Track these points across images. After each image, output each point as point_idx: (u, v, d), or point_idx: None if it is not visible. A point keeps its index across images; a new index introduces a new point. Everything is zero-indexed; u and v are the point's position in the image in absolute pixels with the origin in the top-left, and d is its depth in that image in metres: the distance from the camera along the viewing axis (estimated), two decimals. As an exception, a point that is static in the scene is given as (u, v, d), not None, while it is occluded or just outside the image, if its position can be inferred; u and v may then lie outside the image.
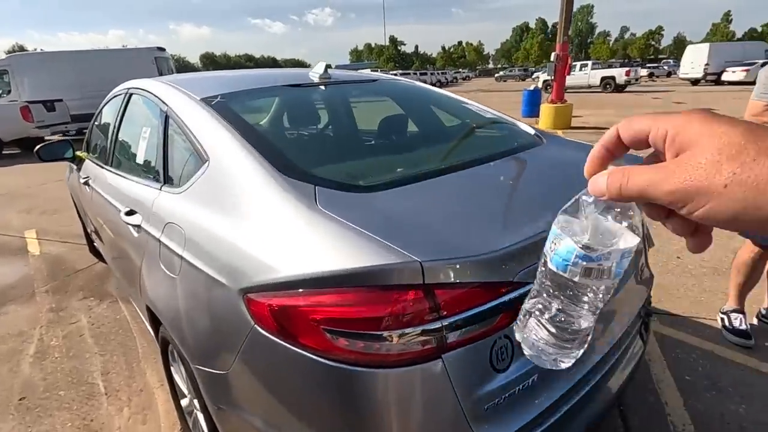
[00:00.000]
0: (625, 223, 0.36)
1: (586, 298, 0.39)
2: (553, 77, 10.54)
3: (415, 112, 1.98)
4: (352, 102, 2.14)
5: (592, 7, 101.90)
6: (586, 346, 0.43)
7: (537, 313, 0.42)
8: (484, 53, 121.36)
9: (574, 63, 24.09)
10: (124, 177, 1.93)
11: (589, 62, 26.35)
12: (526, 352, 0.45)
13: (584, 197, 0.38)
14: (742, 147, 0.28)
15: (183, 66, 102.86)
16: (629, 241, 0.36)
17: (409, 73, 37.60)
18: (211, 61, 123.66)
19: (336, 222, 0.96)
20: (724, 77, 23.69)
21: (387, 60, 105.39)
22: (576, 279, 0.38)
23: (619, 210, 0.37)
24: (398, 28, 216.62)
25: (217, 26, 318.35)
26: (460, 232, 0.96)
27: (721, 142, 0.28)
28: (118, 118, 2.22)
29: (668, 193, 0.30)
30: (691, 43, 45.40)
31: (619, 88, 22.92)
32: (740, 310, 2.31)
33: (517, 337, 0.45)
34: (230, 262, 1.07)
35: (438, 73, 48.05)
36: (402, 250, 0.85)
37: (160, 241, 1.40)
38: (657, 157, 0.34)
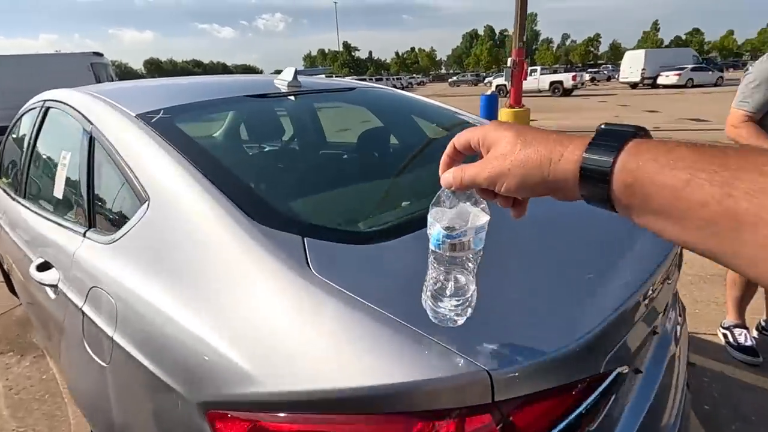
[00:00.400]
0: (479, 206, 0.50)
1: (462, 267, 0.53)
2: (510, 82, 10.68)
3: (411, 128, 1.69)
4: (330, 116, 1.82)
5: (536, 15, 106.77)
6: (473, 306, 0.57)
7: (432, 285, 0.55)
8: (437, 59, 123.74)
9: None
10: (38, 215, 1.51)
11: (538, 68, 27.41)
12: (430, 316, 0.57)
13: (443, 192, 0.51)
14: (515, 142, 0.42)
15: (125, 73, 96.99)
16: (480, 219, 0.50)
17: (364, 79, 37.54)
18: (156, 68, 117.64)
19: (345, 300, 0.66)
20: (659, 81, 25.44)
21: (341, 66, 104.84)
22: (447, 253, 0.50)
23: (473, 199, 0.50)
24: (352, 35, 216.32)
25: (161, 31, 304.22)
26: (523, 312, 0.68)
27: (505, 141, 0.43)
28: (32, 139, 1.77)
29: (485, 179, 0.44)
30: (627, 49, 48.59)
31: (567, 92, 23.94)
32: (742, 325, 2.21)
33: (424, 306, 0.58)
34: (184, 359, 0.73)
35: (393, 79, 48.39)
36: (459, 353, 0.56)
37: (83, 311, 1.03)
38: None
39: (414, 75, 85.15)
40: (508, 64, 10.68)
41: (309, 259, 0.74)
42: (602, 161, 0.36)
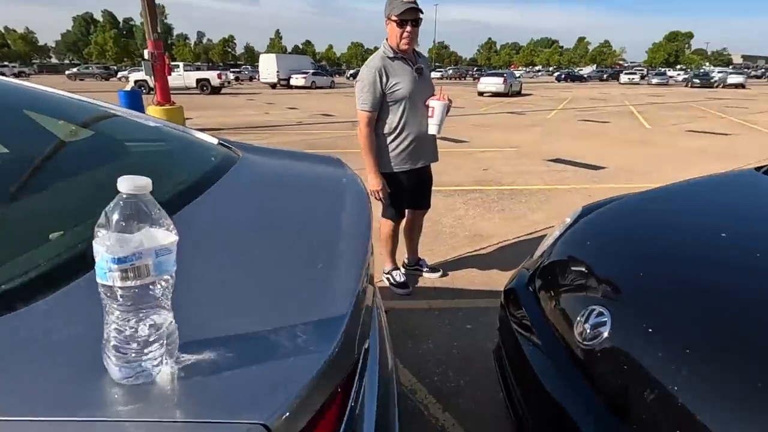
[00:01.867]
0: (162, 227, 0.40)
1: (149, 302, 0.41)
2: (153, 77, 9.66)
3: (28, 129, 1.12)
4: None
5: (164, 7, 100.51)
6: (176, 345, 0.46)
7: (114, 334, 0.41)
8: (40, 44, 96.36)
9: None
10: None
11: (181, 64, 26.27)
12: (117, 377, 0.42)
13: (111, 210, 0.39)
14: None
15: None
16: (164, 239, 0.39)
17: None
18: None
19: None
20: (292, 82, 29.67)
21: None
22: (117, 283, 0.39)
23: (157, 220, 0.40)
24: None
25: None
26: (264, 325, 0.59)
27: None
28: None
29: None
30: (260, 53, 53.84)
31: (215, 90, 24.15)
32: (397, 267, 2.92)
33: (107, 366, 0.43)
34: None
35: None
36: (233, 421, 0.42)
37: None
38: None
39: (6, 63, 63.30)
40: (146, 56, 9.59)
41: None
42: None
